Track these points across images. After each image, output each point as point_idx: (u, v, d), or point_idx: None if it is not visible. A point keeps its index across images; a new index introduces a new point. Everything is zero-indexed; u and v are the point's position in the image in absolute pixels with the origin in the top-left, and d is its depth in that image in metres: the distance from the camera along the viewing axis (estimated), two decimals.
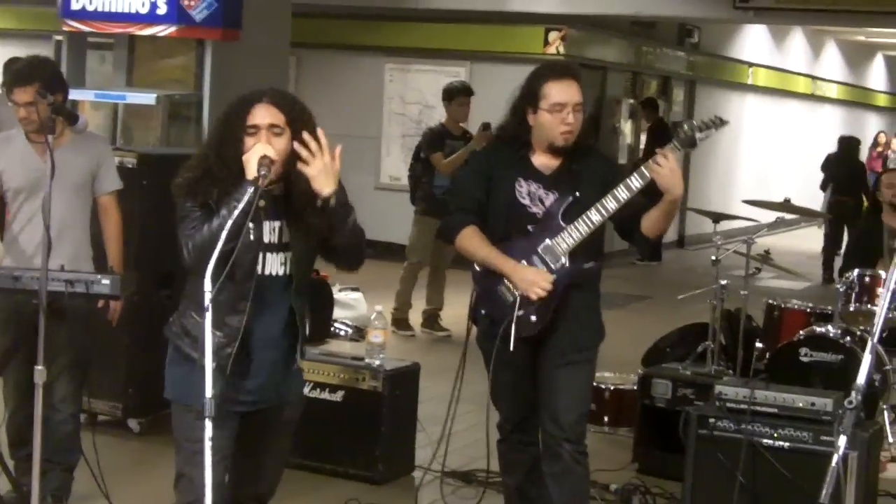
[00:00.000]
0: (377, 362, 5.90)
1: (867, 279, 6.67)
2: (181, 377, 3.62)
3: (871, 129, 26.26)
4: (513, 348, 4.34)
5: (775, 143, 19.20)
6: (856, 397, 3.15)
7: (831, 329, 6.59)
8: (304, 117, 3.60)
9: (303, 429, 3.89)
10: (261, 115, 3.54)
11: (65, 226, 4.89)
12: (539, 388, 4.49)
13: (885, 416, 6.66)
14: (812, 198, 19.55)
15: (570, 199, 4.37)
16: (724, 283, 6.84)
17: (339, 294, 9.34)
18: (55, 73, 5.06)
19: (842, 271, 7.00)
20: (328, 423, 5.81)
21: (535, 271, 4.34)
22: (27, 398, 4.52)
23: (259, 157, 3.45)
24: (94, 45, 10.33)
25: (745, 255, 7.30)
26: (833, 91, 24.66)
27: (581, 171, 4.43)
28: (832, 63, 24.83)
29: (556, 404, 4.42)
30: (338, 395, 5.87)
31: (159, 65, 9.37)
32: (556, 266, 4.36)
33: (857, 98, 26.59)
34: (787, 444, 5.00)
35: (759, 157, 20.18)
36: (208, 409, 3.23)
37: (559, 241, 4.35)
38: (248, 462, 3.76)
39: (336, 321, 9.07)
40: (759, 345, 7.04)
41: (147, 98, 8.91)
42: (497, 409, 4.65)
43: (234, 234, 3.37)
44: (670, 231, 14.83)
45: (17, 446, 5.08)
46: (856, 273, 6.70)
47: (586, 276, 4.44)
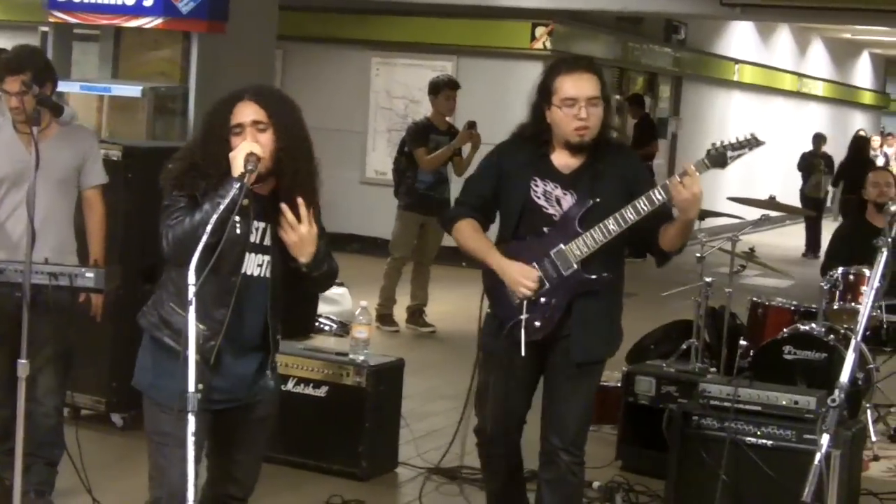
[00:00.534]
0: (361, 358, 5.88)
1: (851, 277, 6.68)
2: (155, 368, 3.60)
3: (856, 127, 26.34)
4: (524, 353, 4.25)
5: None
6: (839, 395, 3.15)
7: (815, 327, 6.59)
8: (286, 111, 3.59)
9: (286, 424, 3.88)
10: (244, 113, 3.53)
11: (49, 218, 4.86)
12: (544, 395, 4.42)
13: (869, 414, 6.69)
14: (798, 195, 19.58)
15: (590, 203, 4.23)
16: (708, 280, 6.85)
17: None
18: (46, 63, 5.04)
19: (825, 270, 7.01)
20: (312, 418, 5.80)
21: (519, 269, 4.24)
22: (10, 392, 4.49)
23: (245, 154, 3.45)
24: (80, 36, 10.30)
25: (729, 253, 7.32)
26: (819, 88, 24.72)
27: (605, 170, 4.28)
28: (818, 60, 24.90)
29: (558, 414, 4.35)
30: (321, 391, 5.85)
31: (145, 57, 9.35)
32: (567, 273, 4.25)
33: (843, 96, 26.67)
34: (771, 443, 5.02)
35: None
36: (191, 404, 3.22)
37: (573, 247, 4.23)
38: (223, 460, 3.74)
39: (320, 316, 9.06)
40: (743, 342, 7.03)
41: (133, 90, 8.89)
42: (478, 412, 4.55)
43: (217, 229, 3.35)
44: None
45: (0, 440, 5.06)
46: (840, 271, 6.71)
47: (601, 286, 4.29)
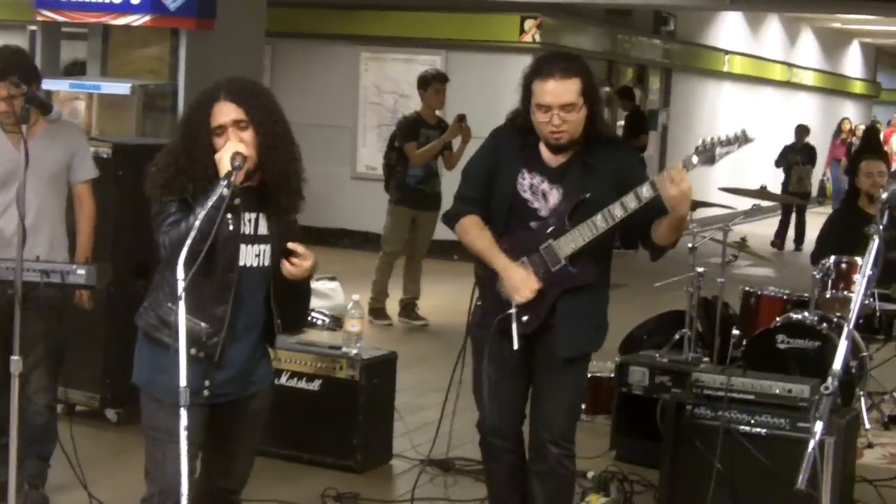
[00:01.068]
0: (354, 351, 5.89)
1: (843, 266, 6.69)
2: (154, 365, 3.60)
3: (847, 116, 26.36)
4: (516, 346, 4.24)
5: (751, 130, 19.23)
6: (832, 383, 3.15)
7: (808, 316, 6.60)
8: (263, 104, 3.58)
9: (280, 418, 3.88)
10: (223, 114, 3.52)
11: (40, 216, 4.86)
12: (532, 388, 4.41)
13: (862, 402, 6.70)
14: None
15: (581, 199, 4.21)
16: (700, 270, 6.86)
17: (316, 284, 9.33)
18: (29, 63, 5.04)
19: (816, 257, 7.02)
20: (305, 412, 5.80)
21: (522, 276, 4.21)
22: (2, 389, 4.49)
23: (231, 154, 3.44)
24: (68, 35, 10.28)
25: (721, 243, 7.32)
26: (809, 78, 24.74)
27: (595, 164, 4.24)
28: (808, 50, 24.91)
29: (546, 407, 4.34)
30: (315, 385, 5.86)
31: (134, 55, 9.33)
32: (556, 269, 4.24)
33: (833, 85, 26.68)
34: (764, 431, 5.02)
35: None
36: (183, 399, 3.23)
37: (562, 243, 4.21)
38: (219, 453, 3.75)
39: (313, 311, 9.06)
40: (735, 332, 7.06)
41: (122, 88, 8.87)
42: (478, 406, 4.53)
43: (209, 230, 3.35)
44: None
45: None
46: (832, 260, 6.71)
47: (588, 281, 4.29)
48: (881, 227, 3.32)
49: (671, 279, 7.61)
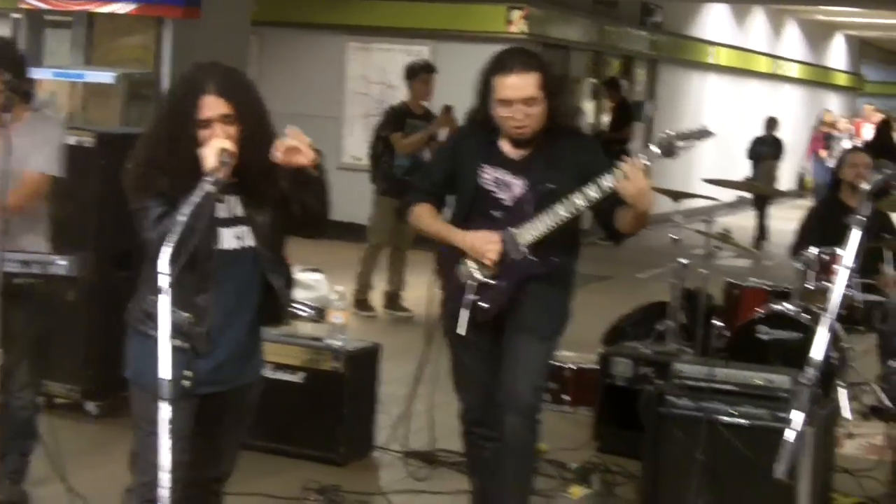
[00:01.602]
0: (338, 343, 5.88)
1: (826, 257, 6.71)
2: (142, 357, 3.59)
3: (831, 108, 26.41)
4: (465, 332, 4.29)
5: (736, 122, 19.29)
6: (812, 373, 3.16)
7: (790, 307, 6.63)
8: (250, 98, 3.56)
9: (263, 410, 3.86)
10: (210, 108, 3.46)
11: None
12: (498, 370, 4.42)
13: (843, 392, 6.72)
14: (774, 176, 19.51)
15: (544, 189, 4.26)
16: (684, 262, 6.87)
17: (300, 275, 9.30)
18: (13, 52, 4.99)
19: (795, 249, 7.04)
20: (289, 404, 5.78)
21: (482, 236, 4.28)
22: None
23: (218, 150, 3.40)
24: (52, 23, 10.24)
25: (704, 234, 7.34)
26: (793, 70, 24.79)
27: (556, 155, 4.30)
28: (792, 42, 24.96)
29: (510, 375, 4.35)
30: (298, 377, 5.85)
31: (118, 43, 9.30)
32: (517, 256, 4.28)
33: (817, 77, 26.75)
34: (746, 422, 5.03)
35: (720, 137, 20.29)
36: (166, 391, 3.21)
37: (523, 231, 4.26)
38: (207, 444, 3.73)
39: (297, 302, 9.03)
40: (718, 323, 7.07)
41: (106, 77, 8.84)
42: (458, 397, 4.57)
43: (195, 226, 3.32)
44: None
45: None
46: (814, 251, 6.74)
47: (550, 271, 4.34)
48: (862, 218, 3.33)
49: (654, 271, 7.64)
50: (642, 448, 5.30)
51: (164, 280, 3.21)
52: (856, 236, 3.32)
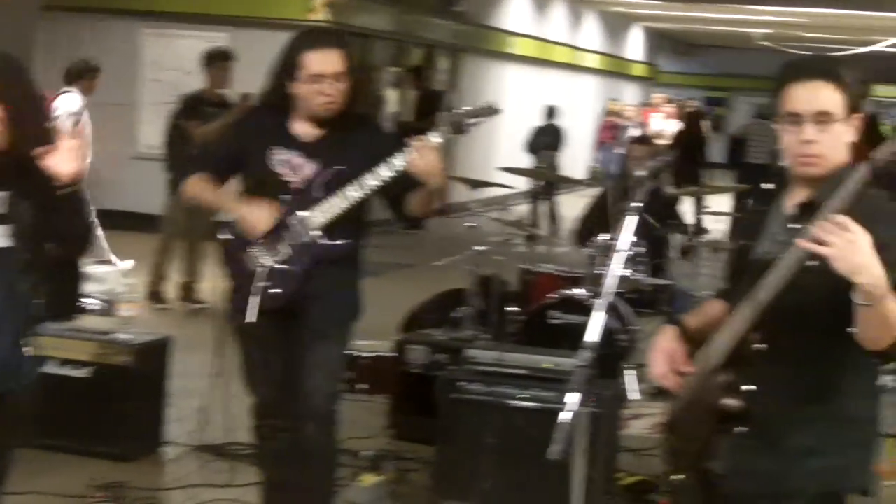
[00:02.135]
0: (126, 336, 5.74)
1: (613, 243, 6.88)
2: None
3: (627, 99, 27.21)
4: (255, 321, 4.21)
5: (536, 111, 19.63)
6: (587, 356, 3.25)
7: (581, 292, 6.77)
8: (15, 77, 3.41)
9: (48, 407, 3.73)
10: None
11: None
12: (289, 365, 4.36)
13: (630, 375, 6.90)
14: (572, 165, 20.05)
15: (336, 171, 4.23)
16: (480, 249, 6.95)
17: (90, 267, 9.04)
18: None
19: (580, 235, 7.21)
20: (76, 400, 5.60)
21: (253, 208, 4.23)
22: None
23: None
24: None
25: (501, 222, 7.46)
26: (592, 61, 25.41)
27: (350, 140, 4.29)
28: (591, 33, 25.59)
29: (305, 382, 4.29)
30: (84, 372, 5.66)
31: None
32: (308, 239, 4.24)
33: (615, 68, 27.50)
34: (535, 405, 5.12)
35: (520, 126, 20.64)
36: None
37: (314, 214, 4.23)
38: None
39: (86, 295, 8.76)
40: (513, 309, 7.18)
41: None
42: (248, 391, 4.49)
43: None
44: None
45: None
46: (601, 237, 6.91)
47: (341, 253, 4.31)
48: (637, 205, 3.41)
49: (452, 258, 7.69)
50: (436, 434, 5.34)
51: None
52: (631, 222, 3.41)
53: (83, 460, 5.50)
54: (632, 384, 6.70)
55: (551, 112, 17.11)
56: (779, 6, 21.42)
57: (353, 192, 4.20)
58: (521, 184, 7.65)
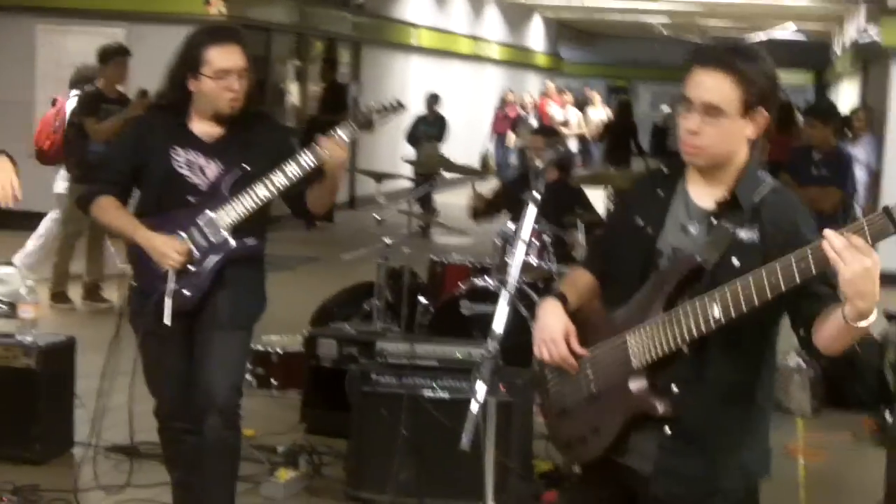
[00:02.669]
0: (29, 338, 5.64)
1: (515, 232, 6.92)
2: None
3: (531, 89, 27.37)
4: (169, 322, 4.16)
5: (440, 103, 19.65)
6: (493, 346, 3.28)
7: (490, 281, 6.80)
8: None
9: None
10: None
11: None
12: (193, 360, 4.31)
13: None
14: (476, 156, 20.10)
15: (240, 171, 4.19)
16: (388, 241, 6.94)
17: None
18: None
19: (476, 213, 7.32)
20: None
21: (166, 241, 4.16)
22: None
23: None
24: None
25: (408, 214, 7.45)
26: (495, 52, 25.51)
27: (250, 139, 4.25)
28: (493, 24, 25.69)
29: (207, 375, 4.24)
30: None
31: None
32: (217, 240, 4.19)
33: (518, 58, 27.65)
34: (448, 395, 5.14)
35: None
36: None
37: (222, 214, 4.18)
38: None
39: None
40: (424, 300, 7.19)
41: None
42: (151, 392, 4.43)
43: None
44: (342, 192, 14.89)
45: None
46: (509, 226, 6.95)
47: (248, 253, 4.28)
48: (536, 193, 3.42)
49: (360, 251, 7.68)
50: (349, 427, 5.32)
51: None
52: (531, 212, 3.42)
53: None
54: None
55: (433, 100, 16.18)
56: None
57: (262, 192, 4.16)
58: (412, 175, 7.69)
